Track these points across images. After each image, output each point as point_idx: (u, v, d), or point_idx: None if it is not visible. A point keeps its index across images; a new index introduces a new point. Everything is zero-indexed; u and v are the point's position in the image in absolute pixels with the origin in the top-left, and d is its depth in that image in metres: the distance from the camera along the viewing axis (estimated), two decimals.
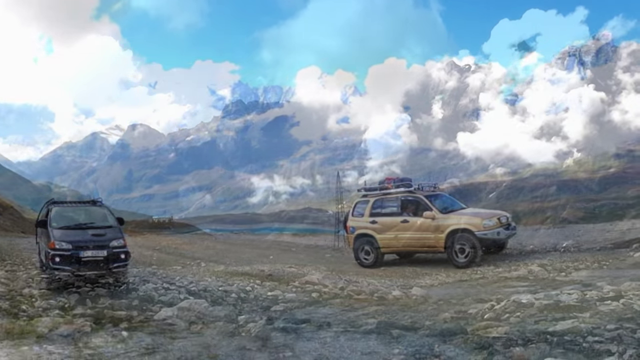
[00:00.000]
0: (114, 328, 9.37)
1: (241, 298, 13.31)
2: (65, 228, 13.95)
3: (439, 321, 9.15)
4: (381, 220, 22.82)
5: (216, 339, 8.67)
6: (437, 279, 19.13)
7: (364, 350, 7.73)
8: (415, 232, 22.27)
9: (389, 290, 15.21)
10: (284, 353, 7.82)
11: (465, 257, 21.55)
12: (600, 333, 7.15)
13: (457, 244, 21.65)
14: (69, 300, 11.75)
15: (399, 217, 22.58)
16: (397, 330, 8.65)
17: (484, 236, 21.46)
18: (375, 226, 22.70)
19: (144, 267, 19.43)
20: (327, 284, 16.26)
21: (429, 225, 21.99)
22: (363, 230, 22.99)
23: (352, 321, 9.81)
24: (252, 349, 8.03)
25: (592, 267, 20.70)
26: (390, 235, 22.60)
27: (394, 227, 22.58)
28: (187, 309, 10.54)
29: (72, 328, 8.70)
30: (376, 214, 22.95)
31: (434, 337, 8.08)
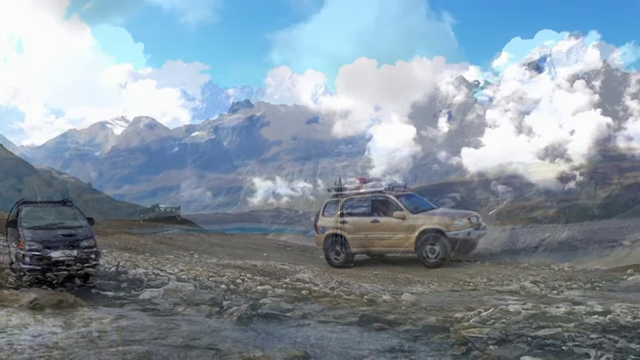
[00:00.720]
0: (97, 304, 9.40)
1: (230, 289, 13.32)
2: (36, 228, 13.83)
3: (422, 321, 9.15)
4: (352, 220, 22.75)
5: (196, 319, 8.69)
6: (429, 287, 19.11)
7: (341, 338, 7.74)
8: (385, 232, 22.22)
9: (379, 294, 15.21)
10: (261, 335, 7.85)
11: (435, 257, 21.53)
12: (582, 341, 7.15)
13: (427, 244, 21.62)
14: (58, 277, 11.75)
15: (369, 217, 22.52)
16: (378, 324, 8.66)
17: (455, 236, 21.44)
18: (346, 226, 22.63)
19: (136, 254, 19.46)
20: (318, 282, 16.27)
21: (400, 225, 21.93)
22: (333, 230, 22.91)
23: (336, 315, 9.81)
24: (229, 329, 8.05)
25: (585, 287, 20.69)
26: (360, 235, 22.53)
27: (364, 227, 22.52)
28: (172, 290, 10.54)
29: (56, 299, 8.71)
30: (347, 214, 22.87)
31: (416, 333, 8.10)
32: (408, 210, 22.14)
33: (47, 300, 8.61)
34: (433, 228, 21.63)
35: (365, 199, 22.92)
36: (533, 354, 6.39)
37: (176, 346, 7.03)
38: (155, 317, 8.69)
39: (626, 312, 10.15)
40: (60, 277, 11.85)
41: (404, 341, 7.56)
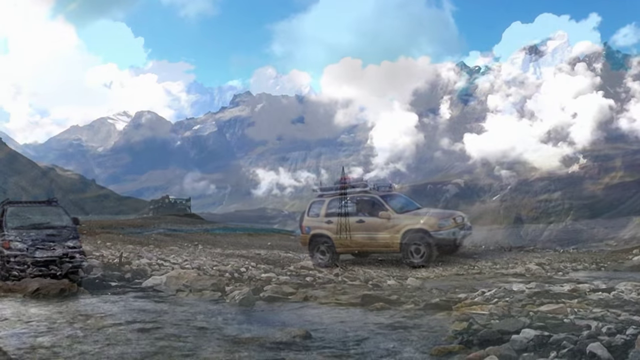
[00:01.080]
0: (101, 292, 9.42)
1: (234, 277, 13.32)
2: (21, 228, 13.76)
3: (425, 301, 9.14)
4: (337, 220, 22.64)
5: (197, 304, 8.69)
6: (434, 272, 19.10)
7: (342, 317, 7.74)
8: (370, 232, 22.11)
9: (384, 279, 15.22)
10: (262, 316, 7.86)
11: (420, 257, 21.42)
12: (585, 315, 7.15)
13: (412, 244, 21.53)
14: (62, 269, 11.76)
15: (354, 217, 22.42)
16: (380, 303, 8.66)
17: (440, 236, 21.29)
18: (331, 226, 22.51)
19: (140, 246, 19.47)
20: (323, 270, 16.26)
21: (385, 225, 21.82)
22: (318, 230, 22.78)
23: (339, 298, 9.81)
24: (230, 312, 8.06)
25: (590, 267, 20.69)
26: (345, 236, 22.44)
27: (349, 227, 22.42)
28: (175, 277, 10.56)
29: (58, 288, 8.73)
30: (332, 214, 22.75)
31: (418, 311, 8.10)
32: (393, 210, 22.02)
33: (50, 290, 8.64)
34: (418, 228, 21.52)
35: (351, 199, 22.81)
36: (534, 327, 6.37)
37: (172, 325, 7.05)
38: (156, 302, 8.70)
39: (630, 289, 10.14)
40: (64, 269, 11.86)
41: (405, 319, 7.57)
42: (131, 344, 6.01)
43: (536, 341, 5.79)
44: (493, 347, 5.69)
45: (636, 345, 5.36)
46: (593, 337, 5.73)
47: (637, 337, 5.54)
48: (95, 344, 5.92)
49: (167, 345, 5.96)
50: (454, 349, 5.91)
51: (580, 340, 5.63)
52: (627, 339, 5.63)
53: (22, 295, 8.51)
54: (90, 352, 5.64)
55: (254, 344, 6.04)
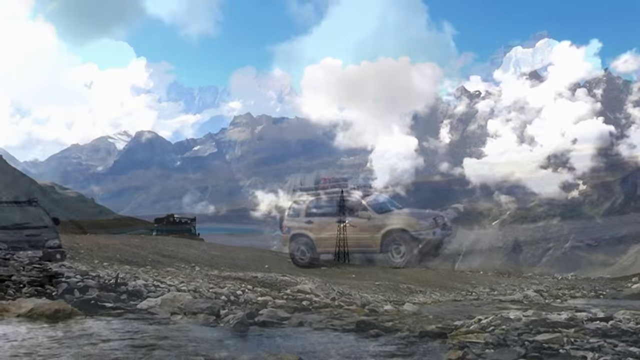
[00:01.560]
0: (95, 314, 9.40)
1: (230, 300, 13.28)
2: (1, 228, 13.73)
3: (420, 328, 9.12)
4: (317, 220, 22.56)
5: (190, 327, 8.68)
6: (431, 298, 19.09)
7: (335, 344, 7.72)
8: (351, 232, 22.04)
9: (381, 304, 15.20)
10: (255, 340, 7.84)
11: (401, 257, 21.46)
12: (581, 344, 7.12)
13: (393, 244, 21.48)
14: (58, 289, 11.71)
15: (335, 217, 22.33)
16: (375, 330, 8.64)
17: (420, 236, 21.32)
18: (311, 226, 22.45)
19: (136, 267, 19.42)
20: (319, 293, 16.23)
21: (365, 225, 21.79)
22: (299, 230, 22.71)
23: (334, 323, 9.78)
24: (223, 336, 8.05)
25: (589, 295, 20.71)
26: (326, 235, 22.34)
27: (330, 227, 22.31)
28: (170, 300, 10.52)
29: (53, 309, 8.71)
30: (312, 214, 22.68)
31: (412, 339, 8.07)
32: (374, 211, 22.07)
33: (44, 310, 8.60)
34: (398, 228, 21.52)
35: (331, 199, 22.72)
36: (529, 357, 6.37)
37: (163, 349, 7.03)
38: (150, 325, 8.68)
39: (629, 318, 10.09)
40: (60, 288, 11.81)
41: (400, 346, 7.54)
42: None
43: None
44: None
45: None
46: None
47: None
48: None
49: None
50: None
51: None
52: None
53: (16, 315, 8.48)
54: None
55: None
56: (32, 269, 12.74)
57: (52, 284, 12.16)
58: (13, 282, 12.11)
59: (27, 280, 12.16)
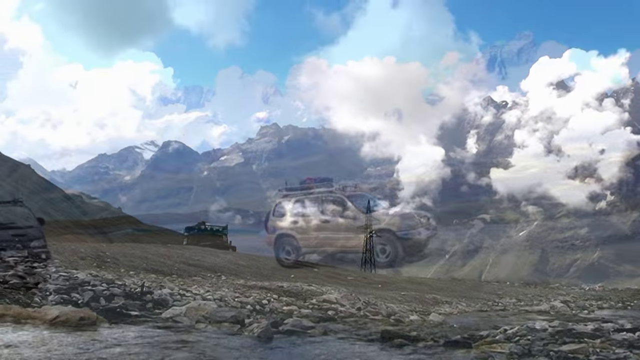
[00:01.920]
0: (120, 322, 9.44)
1: (256, 310, 13.28)
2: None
3: (445, 338, 9.08)
4: (302, 220, 22.43)
5: (215, 335, 8.69)
6: (457, 308, 19.01)
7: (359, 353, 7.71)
8: (336, 232, 21.92)
9: (406, 314, 15.15)
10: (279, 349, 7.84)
11: (386, 257, 21.33)
12: (607, 355, 7.08)
13: (378, 244, 21.36)
14: (83, 296, 11.78)
15: (320, 216, 22.21)
16: (400, 340, 8.61)
17: (405, 236, 21.18)
18: (297, 226, 22.32)
19: (162, 275, 19.48)
20: (345, 303, 16.19)
21: (350, 225, 21.65)
22: (284, 230, 22.59)
23: (359, 333, 9.76)
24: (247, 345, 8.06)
25: (616, 306, 20.54)
26: (311, 235, 22.20)
27: (315, 226, 22.18)
28: (195, 308, 10.55)
29: (78, 316, 8.75)
30: (297, 214, 22.56)
31: (437, 349, 8.04)
32: (359, 210, 21.92)
33: (69, 318, 8.65)
34: (383, 228, 21.39)
35: (316, 199, 22.60)
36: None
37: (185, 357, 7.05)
38: (174, 333, 8.71)
39: None
40: (86, 296, 11.87)
41: (424, 356, 7.52)
42: None
43: None
44: None
45: None
46: None
47: None
48: None
49: None
50: None
51: None
52: None
53: (41, 322, 8.54)
54: None
55: None
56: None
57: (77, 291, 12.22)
58: (38, 289, 12.19)
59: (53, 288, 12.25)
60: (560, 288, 29.38)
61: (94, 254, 23.22)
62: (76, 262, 20.23)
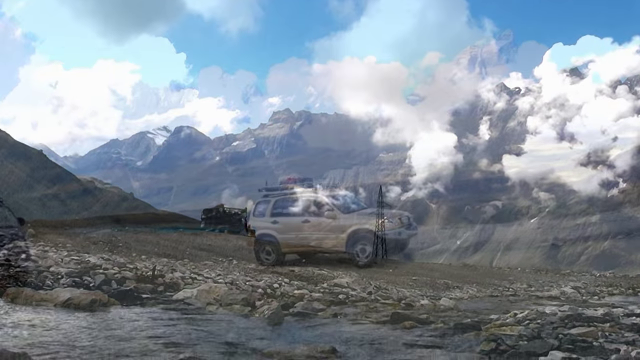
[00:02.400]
0: (132, 304, 9.51)
1: (267, 293, 13.33)
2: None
3: (456, 321, 9.11)
4: (282, 220, 22.50)
5: (226, 318, 8.74)
6: (468, 293, 19.02)
7: (370, 334, 7.74)
8: (316, 232, 21.99)
9: (417, 299, 15.15)
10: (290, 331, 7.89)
11: (366, 257, 21.33)
12: (616, 338, 7.10)
13: (358, 244, 21.41)
14: (95, 280, 11.84)
15: (300, 217, 22.28)
16: (409, 322, 8.64)
17: (386, 236, 21.18)
18: (277, 226, 22.38)
19: (174, 260, 19.57)
20: (356, 287, 16.23)
21: (331, 225, 21.71)
22: (264, 230, 22.66)
23: (369, 316, 9.80)
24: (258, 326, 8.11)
25: (627, 292, 20.56)
26: (291, 235, 22.28)
27: (295, 227, 22.26)
28: (206, 291, 10.60)
29: (89, 299, 8.81)
30: (277, 214, 22.62)
31: (446, 331, 8.07)
32: (339, 210, 21.97)
33: (81, 300, 8.72)
34: (364, 228, 21.45)
35: (296, 199, 22.70)
36: (562, 349, 6.35)
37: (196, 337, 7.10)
38: (184, 315, 8.78)
39: None
40: (97, 280, 11.93)
41: (433, 338, 7.56)
42: (153, 355, 6.06)
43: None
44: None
45: None
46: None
47: None
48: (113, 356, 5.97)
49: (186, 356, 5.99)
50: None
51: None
52: None
53: (53, 305, 8.60)
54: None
55: (278, 358, 6.06)
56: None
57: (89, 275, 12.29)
58: (50, 272, 12.26)
59: (65, 271, 12.32)
60: (571, 274, 29.35)
61: (106, 239, 23.35)
62: (88, 246, 20.36)
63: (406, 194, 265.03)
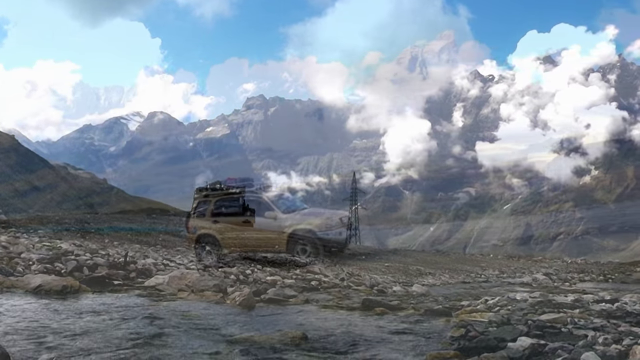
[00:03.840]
0: (103, 290, 9.48)
1: (240, 280, 13.33)
2: None
3: (426, 307, 9.16)
4: (223, 220, 22.53)
5: (196, 303, 8.74)
6: (440, 279, 19.17)
7: (341, 321, 7.76)
8: (257, 232, 22.04)
9: (389, 285, 15.23)
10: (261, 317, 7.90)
11: (307, 257, 21.44)
12: (584, 325, 7.15)
13: (298, 244, 21.51)
14: (67, 266, 11.80)
15: (240, 217, 22.33)
16: (381, 308, 8.68)
17: (326, 236, 21.28)
18: (217, 226, 22.40)
19: (147, 246, 19.55)
20: (329, 274, 16.28)
21: (271, 225, 21.77)
22: (205, 230, 22.68)
23: (340, 302, 9.82)
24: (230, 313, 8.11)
25: (597, 279, 20.76)
26: (232, 236, 22.31)
27: (236, 227, 22.30)
28: (178, 277, 10.59)
29: (60, 285, 8.78)
30: (218, 214, 22.65)
31: (417, 317, 8.11)
32: (279, 210, 22.02)
33: (52, 286, 8.68)
34: (304, 228, 21.52)
35: (237, 199, 22.74)
36: (531, 335, 6.39)
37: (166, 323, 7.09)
38: (155, 301, 8.76)
39: (635, 301, 10.10)
40: (69, 266, 11.88)
41: (404, 324, 7.59)
42: (123, 340, 6.04)
43: (531, 349, 5.81)
44: (488, 354, 5.71)
45: (630, 356, 5.37)
46: (588, 347, 5.75)
47: (632, 348, 5.55)
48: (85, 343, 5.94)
49: (157, 342, 5.99)
50: (449, 354, 5.93)
51: (575, 350, 5.65)
52: (622, 349, 5.64)
53: (23, 291, 8.56)
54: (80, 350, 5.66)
55: (248, 343, 6.07)
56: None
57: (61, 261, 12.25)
58: (21, 259, 12.21)
59: (36, 258, 12.27)
60: (544, 261, 29.66)
61: (78, 224, 23.24)
62: (60, 232, 20.25)
63: (380, 181, 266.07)
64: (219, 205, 22.66)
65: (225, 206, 22.76)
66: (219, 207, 22.62)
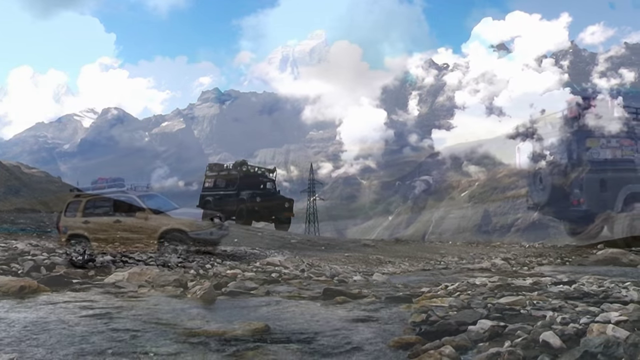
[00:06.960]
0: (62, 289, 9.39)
1: (199, 274, 13.29)
2: None
3: (387, 294, 9.21)
4: (94, 220, 22.52)
5: (157, 299, 8.70)
6: (400, 267, 19.21)
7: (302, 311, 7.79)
8: (128, 233, 22.08)
9: (350, 275, 15.25)
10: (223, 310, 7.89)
11: (178, 257, 21.51)
12: (542, 306, 7.27)
13: (170, 244, 21.58)
14: (23, 266, 11.68)
15: (111, 217, 22.35)
16: (342, 297, 8.71)
17: (197, 236, 21.34)
18: (88, 226, 22.39)
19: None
20: (289, 266, 16.29)
21: (142, 225, 21.81)
22: (76, 230, 22.67)
23: (302, 293, 9.84)
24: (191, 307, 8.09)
25: (555, 262, 20.96)
26: (102, 236, 22.33)
27: (107, 227, 22.32)
28: (137, 273, 10.55)
29: (18, 285, 8.69)
30: (89, 214, 22.64)
31: (378, 304, 8.16)
32: (150, 211, 22.03)
33: (9, 288, 8.59)
34: (175, 228, 21.58)
35: (108, 199, 22.74)
36: (491, 318, 6.48)
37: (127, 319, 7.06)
38: (115, 298, 8.71)
39: (592, 282, 10.28)
40: (26, 266, 11.77)
41: (365, 312, 7.65)
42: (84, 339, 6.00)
43: (492, 331, 5.90)
44: (449, 338, 5.78)
45: (587, 334, 5.48)
46: (547, 327, 5.86)
47: (589, 326, 5.66)
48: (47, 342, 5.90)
49: (120, 339, 5.97)
50: (411, 340, 5.98)
51: (534, 330, 5.75)
52: (579, 327, 5.76)
53: None
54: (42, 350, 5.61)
55: (210, 336, 6.07)
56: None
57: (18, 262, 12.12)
58: None
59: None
60: (502, 246, 29.88)
61: (34, 224, 23.00)
62: (16, 233, 20.03)
63: (337, 171, 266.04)
64: (90, 205, 22.53)
65: (96, 206, 22.64)
66: (89, 207, 22.49)
